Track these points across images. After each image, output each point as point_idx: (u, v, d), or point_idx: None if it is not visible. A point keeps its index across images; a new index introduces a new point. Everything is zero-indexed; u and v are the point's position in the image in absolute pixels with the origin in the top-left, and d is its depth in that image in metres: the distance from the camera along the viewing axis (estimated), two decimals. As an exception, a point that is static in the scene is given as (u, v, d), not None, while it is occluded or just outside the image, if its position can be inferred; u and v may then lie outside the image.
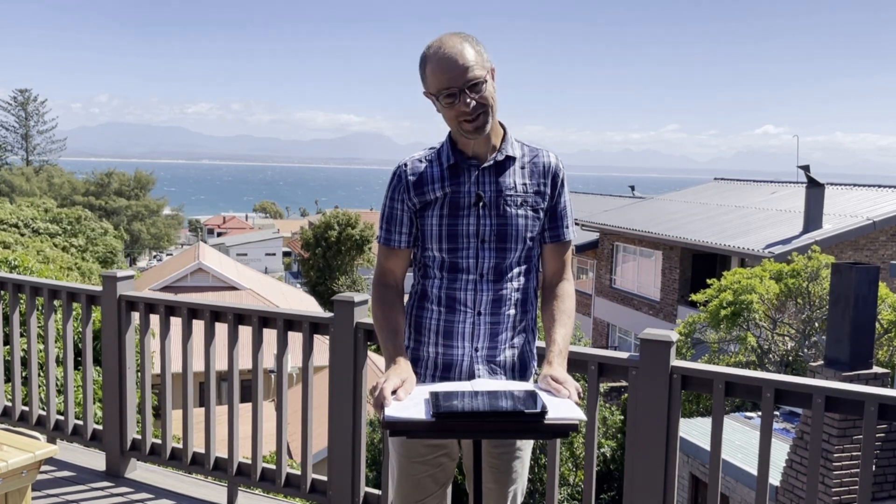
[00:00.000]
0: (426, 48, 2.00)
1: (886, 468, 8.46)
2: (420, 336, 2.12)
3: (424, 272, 2.13)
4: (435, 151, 2.12)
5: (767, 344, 14.61)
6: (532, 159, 2.11)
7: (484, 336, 2.07)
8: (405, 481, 2.13)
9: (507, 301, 2.08)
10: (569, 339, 2.08)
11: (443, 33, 2.04)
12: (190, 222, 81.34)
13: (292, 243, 58.58)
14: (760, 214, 22.51)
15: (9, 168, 60.34)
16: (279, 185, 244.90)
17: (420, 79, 2.02)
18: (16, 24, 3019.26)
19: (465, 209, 2.05)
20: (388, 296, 2.13)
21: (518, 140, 2.13)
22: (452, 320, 2.07)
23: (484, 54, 1.99)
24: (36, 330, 4.18)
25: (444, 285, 2.08)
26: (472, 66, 1.94)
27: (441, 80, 1.95)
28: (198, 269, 27.16)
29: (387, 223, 2.14)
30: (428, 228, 2.08)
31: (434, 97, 1.99)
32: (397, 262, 2.15)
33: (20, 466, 2.59)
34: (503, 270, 2.07)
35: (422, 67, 2.00)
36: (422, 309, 2.12)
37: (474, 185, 2.05)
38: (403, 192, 2.09)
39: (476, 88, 1.96)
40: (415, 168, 2.10)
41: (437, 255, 2.08)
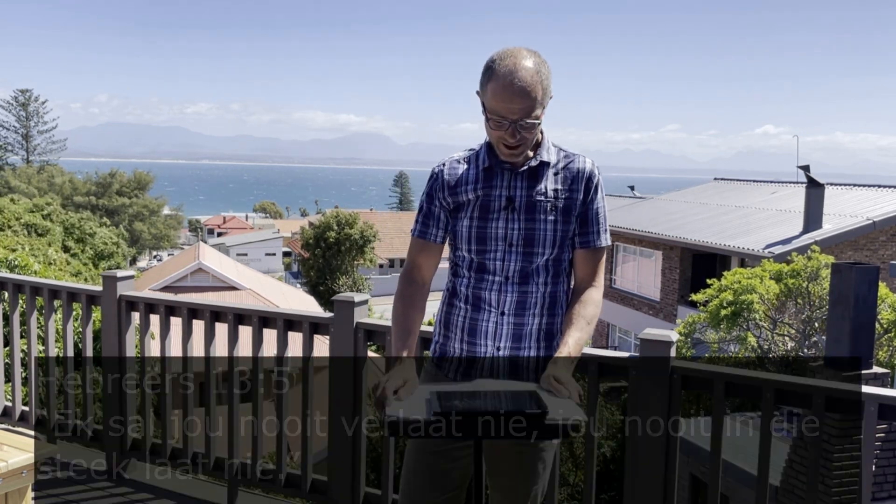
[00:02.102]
0: (497, 60, 1.94)
1: (886, 468, 8.46)
2: (448, 332, 2.17)
3: (455, 271, 2.18)
4: (473, 153, 2.14)
5: (767, 344, 14.61)
6: (567, 165, 2.11)
7: (507, 336, 2.10)
8: (425, 474, 2.14)
9: (533, 304, 2.10)
10: (582, 344, 2.08)
11: (516, 48, 1.96)
12: (190, 222, 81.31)
13: (292, 243, 58.57)
14: (760, 214, 22.51)
15: (11, 168, 60.36)
16: (279, 185, 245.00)
17: (480, 80, 1.99)
18: (15, 24, 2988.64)
19: (495, 212, 2.08)
20: (411, 292, 2.16)
21: (555, 145, 2.13)
22: (477, 318, 2.11)
23: (549, 87, 1.97)
24: (36, 330, 4.18)
25: (471, 284, 2.12)
26: (534, 104, 1.93)
27: (500, 106, 1.93)
28: (198, 269, 27.14)
29: (424, 217, 2.17)
30: (460, 230, 2.11)
31: (484, 109, 1.98)
32: (428, 257, 2.18)
33: (20, 466, 2.59)
34: (529, 273, 2.09)
35: (486, 75, 1.96)
36: (451, 306, 2.17)
37: (506, 188, 2.07)
38: (439, 192, 2.13)
39: (529, 127, 1.96)
40: (452, 168, 2.14)
41: (466, 255, 2.12)
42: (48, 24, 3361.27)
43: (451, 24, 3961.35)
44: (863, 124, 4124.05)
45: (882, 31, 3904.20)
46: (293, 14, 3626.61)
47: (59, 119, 66.43)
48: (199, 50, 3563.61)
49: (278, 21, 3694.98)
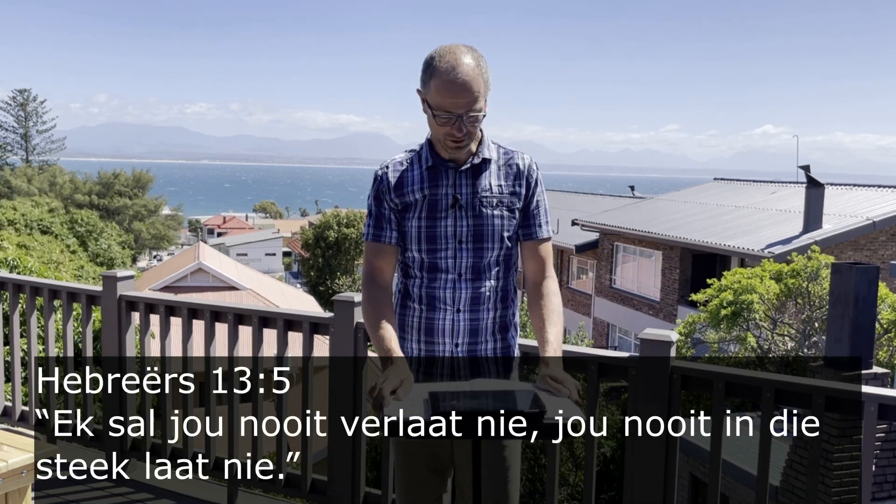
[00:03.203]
0: (437, 57, 1.99)
1: (886, 468, 8.46)
2: (403, 333, 2.19)
3: (406, 272, 2.20)
4: (415, 154, 2.17)
5: (767, 344, 14.61)
6: (507, 161, 2.17)
7: (464, 332, 2.13)
8: (403, 472, 2.20)
9: (486, 298, 2.14)
10: (561, 338, 2.12)
11: (454, 45, 2.01)
12: (190, 222, 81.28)
13: (292, 243, 58.58)
14: (760, 214, 22.50)
15: (11, 168, 60.34)
16: (279, 185, 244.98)
17: (420, 78, 2.03)
18: (15, 25, 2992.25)
19: (442, 211, 2.11)
20: (379, 296, 2.17)
21: (494, 142, 2.18)
22: (433, 317, 2.14)
23: (488, 80, 2.02)
24: (36, 330, 4.18)
25: (424, 284, 2.15)
26: (477, 97, 1.98)
27: (444, 102, 1.98)
28: (198, 269, 27.14)
29: (375, 220, 2.18)
30: (409, 230, 2.14)
31: (428, 106, 2.02)
32: (386, 259, 2.19)
33: (20, 466, 2.59)
34: (481, 269, 2.13)
35: (426, 73, 2.01)
36: (405, 307, 2.19)
37: (451, 187, 2.11)
38: (385, 194, 2.15)
39: (474, 119, 2.01)
40: (395, 170, 2.16)
41: (416, 255, 2.14)
42: (46, 23, 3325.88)
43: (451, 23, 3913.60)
44: (863, 124, 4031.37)
45: (882, 31, 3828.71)
46: (293, 14, 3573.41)
47: (59, 119, 66.45)
48: (198, 50, 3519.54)
49: (278, 21, 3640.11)
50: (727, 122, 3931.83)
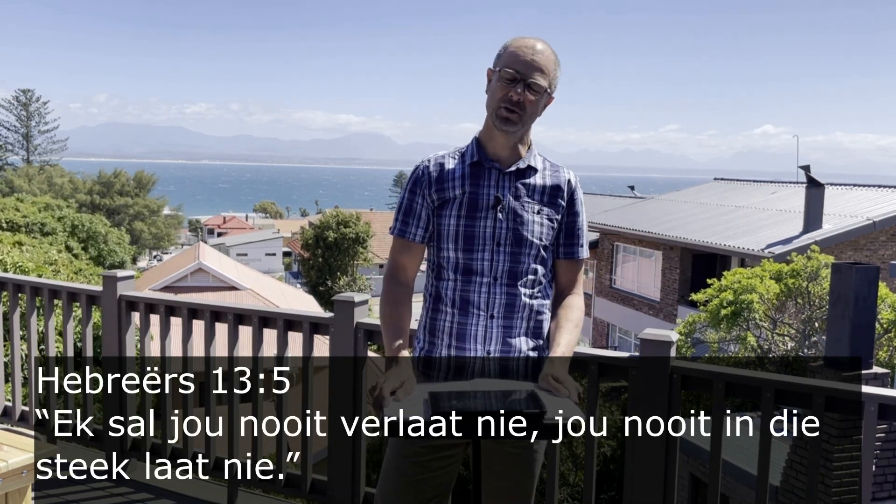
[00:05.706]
0: (518, 37, 2.08)
1: (886, 468, 8.46)
2: (434, 338, 2.13)
3: (438, 274, 2.14)
4: (460, 151, 2.15)
5: (767, 344, 14.61)
6: (553, 173, 2.16)
7: (496, 339, 2.08)
8: (399, 480, 2.12)
9: (521, 306, 2.10)
10: (573, 346, 2.09)
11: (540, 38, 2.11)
12: (190, 222, 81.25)
13: (292, 243, 58.55)
14: (760, 214, 22.50)
15: (12, 168, 60.34)
16: (279, 184, 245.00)
17: (496, 55, 2.08)
18: (14, 24, 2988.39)
19: (482, 210, 2.08)
20: (399, 294, 2.15)
21: (541, 155, 2.17)
22: (465, 322, 2.09)
23: (558, 74, 2.07)
24: (36, 330, 4.18)
25: (457, 287, 2.10)
26: (545, 72, 2.03)
27: (515, 62, 2.02)
28: (198, 269, 27.14)
29: (404, 215, 2.15)
30: (444, 228, 2.09)
31: (496, 73, 2.05)
32: (411, 257, 2.16)
33: (20, 466, 2.59)
34: (517, 274, 2.09)
35: (504, 47, 2.06)
36: (436, 311, 2.13)
37: (494, 187, 2.08)
38: (424, 187, 2.12)
39: (534, 90, 2.02)
40: (437, 163, 2.13)
41: (451, 255, 2.09)
42: (46, 23, 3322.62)
43: (451, 23, 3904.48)
44: (863, 124, 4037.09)
45: (882, 31, 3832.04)
46: (293, 14, 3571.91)
47: (59, 119, 66.46)
48: (198, 50, 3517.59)
49: (278, 21, 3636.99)
50: (727, 122, 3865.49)
